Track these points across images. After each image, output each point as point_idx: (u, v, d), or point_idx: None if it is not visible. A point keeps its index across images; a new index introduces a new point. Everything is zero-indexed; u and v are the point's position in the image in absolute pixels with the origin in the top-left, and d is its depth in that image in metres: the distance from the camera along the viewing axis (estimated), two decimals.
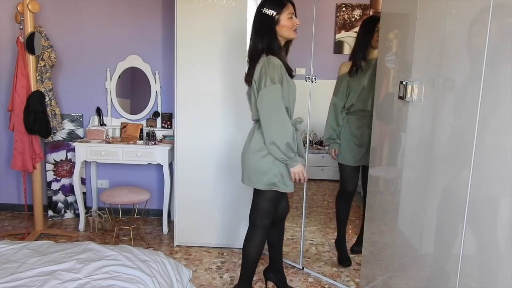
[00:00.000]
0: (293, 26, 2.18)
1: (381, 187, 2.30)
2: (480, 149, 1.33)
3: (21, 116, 3.19)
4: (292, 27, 2.18)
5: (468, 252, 1.39)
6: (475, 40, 1.39)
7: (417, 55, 1.83)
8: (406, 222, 1.91)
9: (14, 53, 3.41)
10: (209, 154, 3.15)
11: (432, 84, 1.68)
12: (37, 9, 3.19)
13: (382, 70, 2.24)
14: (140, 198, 3.25)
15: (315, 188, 5.00)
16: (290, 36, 2.22)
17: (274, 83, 2.08)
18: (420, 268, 1.75)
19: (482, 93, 1.31)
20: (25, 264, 1.84)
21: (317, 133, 5.64)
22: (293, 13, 2.19)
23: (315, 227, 3.71)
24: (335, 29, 5.46)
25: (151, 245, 3.29)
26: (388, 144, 2.21)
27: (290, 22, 2.17)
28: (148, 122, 3.72)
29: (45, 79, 3.34)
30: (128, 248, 2.05)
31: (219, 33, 3.03)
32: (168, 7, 3.52)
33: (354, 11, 5.42)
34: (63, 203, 3.82)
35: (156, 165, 3.58)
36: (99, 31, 3.68)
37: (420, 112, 1.78)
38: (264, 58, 2.13)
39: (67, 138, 3.74)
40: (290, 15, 2.17)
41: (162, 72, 3.69)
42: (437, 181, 1.63)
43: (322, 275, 2.85)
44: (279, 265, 2.60)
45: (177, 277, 2.02)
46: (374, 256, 2.33)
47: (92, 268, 1.81)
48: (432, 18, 1.71)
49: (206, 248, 3.24)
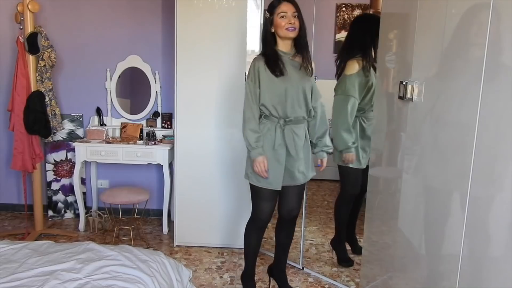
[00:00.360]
0: (284, 25, 2.21)
1: (381, 187, 2.30)
2: (480, 149, 1.33)
3: (21, 116, 3.19)
4: (283, 26, 2.22)
5: (468, 252, 1.39)
6: (476, 40, 1.39)
7: (417, 55, 1.83)
8: (406, 222, 1.91)
9: (14, 53, 3.41)
10: (209, 154, 3.15)
11: (432, 84, 1.68)
12: (37, 9, 3.19)
13: (382, 70, 2.24)
14: (140, 198, 3.25)
15: (315, 188, 5.00)
16: (284, 35, 2.25)
17: (247, 80, 2.35)
18: (420, 268, 1.75)
19: (482, 93, 1.31)
20: (25, 264, 1.84)
21: None
22: (285, 12, 2.21)
23: (315, 227, 3.71)
24: (335, 29, 5.46)
25: (151, 245, 3.29)
26: (388, 144, 2.20)
27: (281, 21, 2.22)
28: (148, 122, 3.72)
29: (45, 79, 3.33)
30: (128, 248, 2.05)
31: (219, 33, 3.03)
32: (168, 7, 3.52)
33: (354, 11, 5.42)
34: (63, 203, 3.82)
35: (156, 165, 3.58)
36: (99, 31, 3.68)
37: (420, 112, 1.78)
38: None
39: (67, 138, 3.74)
40: (282, 14, 2.21)
41: (162, 72, 3.69)
42: (437, 181, 1.63)
43: (322, 275, 2.85)
44: (281, 266, 2.60)
45: (177, 277, 2.02)
46: (374, 256, 2.33)
47: (92, 268, 1.81)
48: (432, 18, 1.71)
49: (206, 248, 3.24)
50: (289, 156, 2.33)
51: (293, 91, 2.27)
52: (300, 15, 2.26)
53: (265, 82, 2.27)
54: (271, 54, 2.28)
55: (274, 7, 2.25)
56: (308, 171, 2.42)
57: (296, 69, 2.30)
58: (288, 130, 2.30)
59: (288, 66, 2.29)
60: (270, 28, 2.28)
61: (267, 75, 2.26)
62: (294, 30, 2.23)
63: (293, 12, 2.23)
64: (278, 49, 2.31)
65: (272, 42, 2.30)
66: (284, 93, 2.26)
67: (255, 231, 2.48)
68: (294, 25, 2.22)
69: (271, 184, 2.32)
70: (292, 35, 2.25)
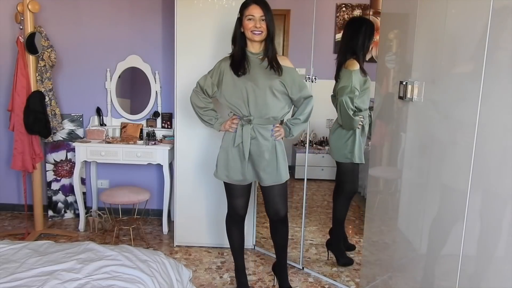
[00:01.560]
0: (251, 27, 2.25)
1: (381, 187, 2.29)
2: (480, 149, 1.33)
3: (21, 116, 3.19)
4: (249, 28, 2.25)
5: (468, 252, 1.39)
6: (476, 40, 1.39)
7: (417, 55, 1.83)
8: (406, 222, 1.91)
9: (14, 53, 3.41)
10: (209, 154, 3.15)
11: (432, 84, 1.68)
12: (37, 9, 3.19)
13: (382, 70, 2.24)
14: (140, 198, 3.25)
15: (315, 188, 4.99)
16: (250, 37, 2.29)
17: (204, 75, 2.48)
18: (420, 268, 1.75)
19: (482, 93, 1.31)
20: (25, 264, 1.84)
21: (317, 133, 5.64)
22: (252, 15, 2.24)
23: (315, 227, 3.71)
24: (335, 29, 5.45)
25: (151, 245, 3.29)
26: (388, 144, 2.20)
27: (248, 23, 2.26)
28: (148, 122, 3.72)
29: (45, 79, 3.34)
30: (128, 248, 2.05)
31: (219, 33, 3.02)
32: (168, 7, 3.52)
33: (354, 11, 5.42)
34: (63, 203, 3.82)
35: (156, 165, 3.58)
36: (99, 31, 3.68)
37: (420, 112, 1.78)
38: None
39: (67, 138, 3.74)
40: (249, 16, 2.25)
41: (162, 72, 3.69)
42: (437, 181, 1.63)
43: (322, 275, 2.85)
44: (282, 264, 2.62)
45: (177, 277, 2.02)
46: (374, 256, 2.33)
47: (92, 268, 1.81)
48: (432, 18, 1.71)
49: (206, 248, 3.24)
50: (251, 155, 2.36)
51: (256, 90, 2.29)
52: (268, 18, 2.26)
53: (227, 83, 2.34)
54: (239, 54, 2.32)
55: (243, 8, 2.29)
56: (278, 174, 2.38)
57: (263, 69, 2.31)
58: (249, 129, 2.33)
59: (254, 67, 2.31)
60: (240, 28, 2.31)
61: (230, 76, 2.32)
62: (260, 34, 2.26)
63: (260, 16, 2.24)
64: (247, 49, 2.34)
65: (241, 42, 2.33)
66: (245, 92, 2.29)
67: (233, 225, 2.56)
68: (260, 29, 2.24)
69: (230, 178, 2.41)
70: (257, 39, 2.28)
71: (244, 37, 2.32)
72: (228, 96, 2.36)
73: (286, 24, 5.63)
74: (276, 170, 2.38)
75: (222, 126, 2.45)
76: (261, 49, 2.34)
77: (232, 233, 2.58)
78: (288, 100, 2.40)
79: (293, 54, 5.62)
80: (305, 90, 2.41)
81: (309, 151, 3.62)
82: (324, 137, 5.57)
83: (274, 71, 2.30)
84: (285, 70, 2.34)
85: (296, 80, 2.38)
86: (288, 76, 2.34)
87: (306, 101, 2.42)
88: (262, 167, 2.36)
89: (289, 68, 2.37)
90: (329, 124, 5.59)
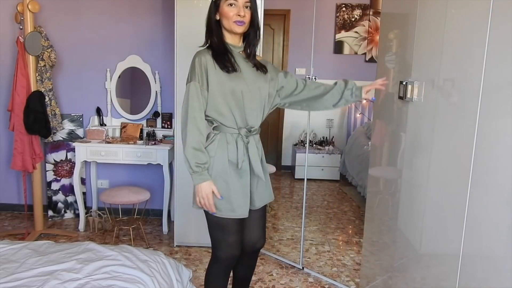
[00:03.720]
0: (232, 16, 1.72)
1: (381, 187, 2.30)
2: (480, 149, 1.33)
3: (21, 116, 3.19)
4: (230, 16, 1.72)
5: (468, 252, 1.39)
6: (476, 40, 1.39)
7: (417, 55, 1.83)
8: (406, 222, 1.91)
9: (14, 53, 3.42)
10: None
11: (432, 84, 1.68)
12: (37, 9, 3.19)
13: (382, 70, 2.24)
14: (140, 198, 3.25)
15: (315, 188, 5.00)
16: (229, 28, 1.76)
17: (188, 82, 1.76)
18: (420, 268, 1.75)
19: (482, 93, 1.31)
20: (25, 264, 1.84)
21: (317, 133, 5.64)
22: (235, 0, 1.71)
23: (315, 227, 3.71)
24: (335, 29, 5.47)
25: (151, 245, 3.29)
26: (388, 144, 2.21)
27: (228, 10, 1.72)
28: (148, 122, 3.72)
29: (45, 79, 3.34)
30: (128, 248, 2.05)
31: None
32: (168, 7, 3.52)
33: (354, 11, 5.43)
34: (63, 203, 3.82)
35: (156, 165, 3.58)
36: (99, 31, 3.68)
37: (420, 112, 1.78)
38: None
39: (67, 138, 3.74)
40: (230, 1, 1.72)
41: (162, 72, 3.69)
42: (437, 181, 1.63)
43: (322, 275, 2.85)
44: None
45: (177, 277, 2.02)
46: (374, 256, 2.33)
47: (92, 268, 1.81)
48: (432, 18, 1.71)
49: (206, 248, 3.24)
50: (253, 175, 1.83)
51: (251, 92, 1.77)
52: (254, 5, 1.77)
53: (215, 82, 1.73)
54: (220, 46, 1.78)
55: None
56: (268, 189, 1.93)
57: (249, 66, 1.81)
58: (254, 144, 1.82)
59: (240, 62, 1.79)
60: (215, 15, 1.78)
61: (216, 72, 1.73)
62: (242, 25, 1.74)
63: (245, 1, 1.73)
64: (226, 41, 1.81)
65: (219, 32, 1.79)
66: (241, 95, 1.75)
67: (222, 273, 1.88)
68: (243, 18, 1.72)
69: (235, 212, 1.77)
70: (240, 31, 1.75)
71: (220, 27, 1.79)
72: (222, 100, 1.75)
73: (286, 24, 5.65)
74: (265, 185, 1.90)
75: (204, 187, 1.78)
76: (240, 42, 1.83)
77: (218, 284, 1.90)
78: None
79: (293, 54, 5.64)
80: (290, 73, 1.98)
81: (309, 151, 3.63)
82: (324, 137, 5.58)
83: (261, 71, 1.83)
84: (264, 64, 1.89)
85: (276, 67, 1.96)
86: (270, 68, 1.89)
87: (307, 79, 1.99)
88: (258, 188, 1.87)
89: (263, 61, 1.91)
90: (329, 124, 5.61)
